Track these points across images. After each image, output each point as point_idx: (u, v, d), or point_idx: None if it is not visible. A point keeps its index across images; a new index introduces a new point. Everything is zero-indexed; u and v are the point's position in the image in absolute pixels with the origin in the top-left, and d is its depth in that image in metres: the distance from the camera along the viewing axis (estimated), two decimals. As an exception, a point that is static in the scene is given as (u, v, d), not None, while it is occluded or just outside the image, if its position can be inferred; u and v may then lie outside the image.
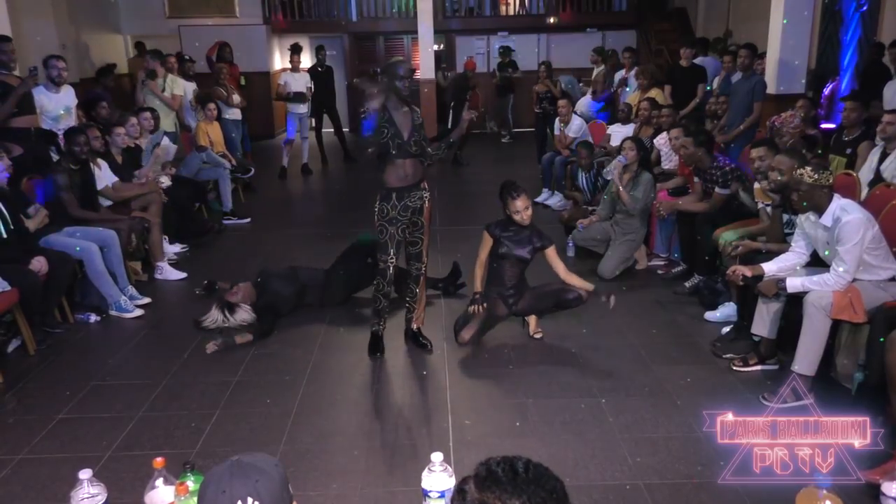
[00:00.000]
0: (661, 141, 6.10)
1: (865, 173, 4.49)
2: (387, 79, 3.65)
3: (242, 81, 9.29)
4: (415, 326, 4.06)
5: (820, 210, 3.29)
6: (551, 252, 3.97)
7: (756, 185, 4.32)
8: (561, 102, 7.61)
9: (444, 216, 6.70)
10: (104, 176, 5.21)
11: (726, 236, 4.28)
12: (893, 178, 4.22)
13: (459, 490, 1.29)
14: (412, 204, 3.76)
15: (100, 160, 5.22)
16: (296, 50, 9.24)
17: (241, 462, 1.35)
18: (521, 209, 3.89)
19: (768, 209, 4.13)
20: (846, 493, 2.26)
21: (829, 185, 3.27)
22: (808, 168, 3.25)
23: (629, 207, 5.10)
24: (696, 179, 5.02)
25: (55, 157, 5.24)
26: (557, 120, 7.57)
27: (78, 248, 4.42)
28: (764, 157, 4.14)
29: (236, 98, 8.30)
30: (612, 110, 8.50)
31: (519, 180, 4.03)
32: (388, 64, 3.70)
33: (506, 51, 11.64)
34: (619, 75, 8.58)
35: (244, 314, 4.31)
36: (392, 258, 3.79)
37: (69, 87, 5.81)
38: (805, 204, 3.29)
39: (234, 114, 8.29)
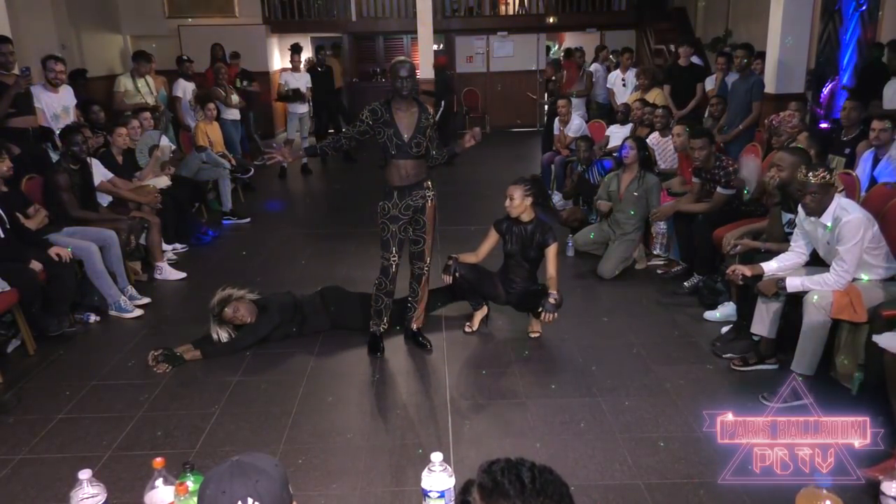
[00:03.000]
0: (655, 140, 6.10)
1: (861, 179, 4.49)
2: (390, 79, 3.65)
3: (238, 83, 9.26)
4: (414, 326, 4.06)
5: (821, 209, 3.29)
6: (552, 250, 3.96)
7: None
8: (560, 102, 7.60)
9: (444, 216, 6.68)
10: (97, 172, 5.22)
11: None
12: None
13: (463, 502, 1.24)
14: (413, 202, 3.77)
15: (91, 159, 5.22)
16: (296, 50, 9.25)
17: (241, 462, 1.34)
18: (507, 196, 3.95)
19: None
20: (846, 493, 2.26)
21: (834, 183, 3.27)
22: (822, 169, 3.24)
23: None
24: (694, 179, 5.02)
25: (51, 154, 5.24)
26: (557, 119, 7.57)
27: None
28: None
29: (234, 98, 8.30)
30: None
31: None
32: (391, 64, 3.70)
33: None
34: (615, 75, 8.57)
35: (221, 331, 3.97)
36: (394, 256, 3.79)
37: (68, 87, 5.82)
38: (816, 205, 3.27)
39: (233, 114, 8.29)
